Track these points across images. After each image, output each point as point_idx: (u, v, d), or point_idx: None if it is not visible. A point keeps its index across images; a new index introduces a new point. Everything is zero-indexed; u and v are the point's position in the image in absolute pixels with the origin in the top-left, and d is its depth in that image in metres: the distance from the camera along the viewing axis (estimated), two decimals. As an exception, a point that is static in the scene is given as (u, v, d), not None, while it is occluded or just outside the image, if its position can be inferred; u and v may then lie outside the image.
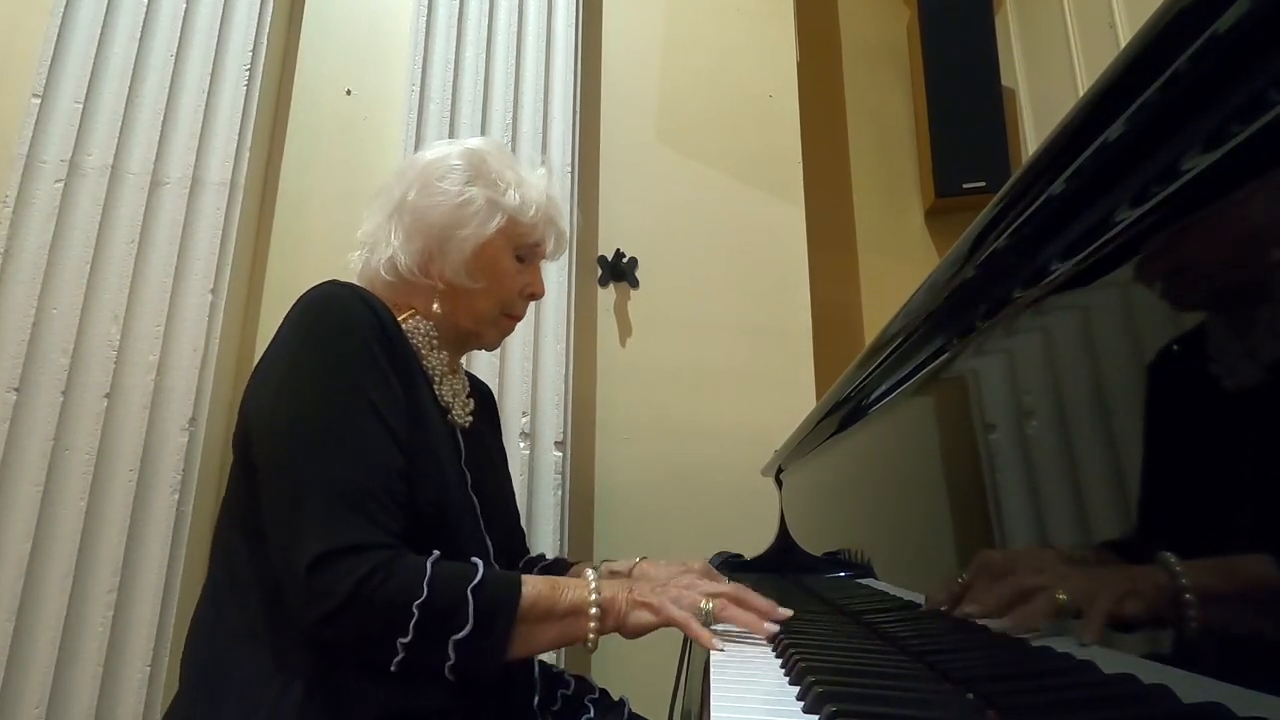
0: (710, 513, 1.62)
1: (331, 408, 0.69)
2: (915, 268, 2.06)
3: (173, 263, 1.52)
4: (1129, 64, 0.32)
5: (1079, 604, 0.39)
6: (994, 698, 0.46)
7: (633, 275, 1.76)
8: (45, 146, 1.52)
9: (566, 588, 0.70)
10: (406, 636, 0.63)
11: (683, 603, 0.69)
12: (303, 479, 0.66)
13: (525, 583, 0.69)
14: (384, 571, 0.63)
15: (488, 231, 0.85)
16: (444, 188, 0.86)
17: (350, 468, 0.67)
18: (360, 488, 0.66)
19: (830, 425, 0.99)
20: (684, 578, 0.76)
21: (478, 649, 0.65)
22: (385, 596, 0.63)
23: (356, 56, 1.81)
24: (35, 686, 1.31)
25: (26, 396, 1.41)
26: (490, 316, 0.90)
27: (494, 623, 0.66)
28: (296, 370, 0.72)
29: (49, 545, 1.36)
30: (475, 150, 0.89)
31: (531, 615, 0.68)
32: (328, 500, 0.65)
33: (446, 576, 0.66)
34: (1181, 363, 0.32)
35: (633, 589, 0.71)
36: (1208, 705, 0.29)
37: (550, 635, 0.69)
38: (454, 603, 0.65)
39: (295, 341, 0.73)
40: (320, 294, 0.75)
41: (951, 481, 0.60)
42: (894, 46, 2.26)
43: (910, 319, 0.63)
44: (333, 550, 0.63)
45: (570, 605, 0.69)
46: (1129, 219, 0.36)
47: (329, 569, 0.63)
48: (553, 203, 0.92)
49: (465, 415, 0.88)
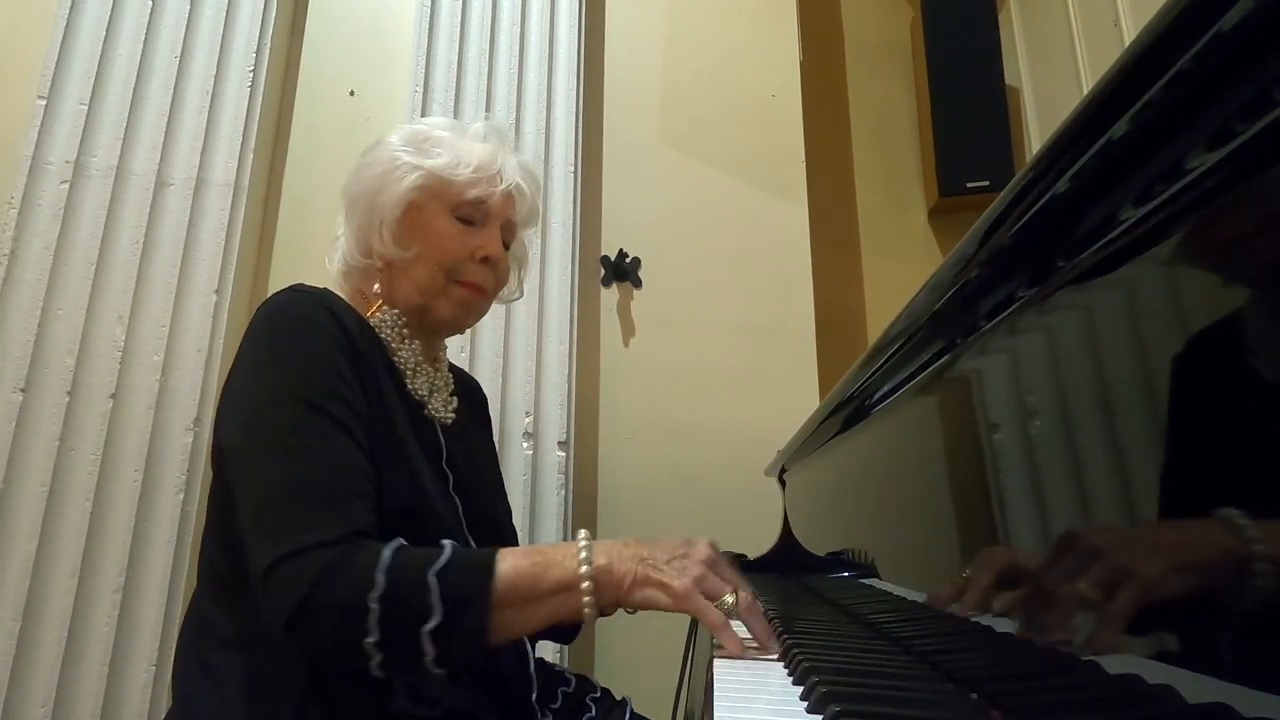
0: (713, 513, 1.62)
1: (284, 413, 0.66)
2: (918, 267, 2.06)
3: (177, 263, 1.52)
4: (1133, 62, 0.32)
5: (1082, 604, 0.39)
6: (998, 698, 0.46)
7: (636, 275, 1.76)
8: (50, 148, 1.53)
9: (552, 562, 0.62)
10: (372, 635, 0.58)
11: (707, 588, 0.61)
12: (259, 484, 0.64)
13: (502, 559, 0.61)
14: (335, 569, 0.59)
15: (403, 189, 0.81)
16: (372, 160, 0.85)
17: (304, 468, 0.64)
18: (315, 488, 0.63)
19: (833, 425, 0.98)
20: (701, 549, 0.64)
21: (455, 638, 0.59)
22: (339, 595, 0.58)
23: (359, 57, 1.81)
24: (41, 686, 1.31)
25: (32, 397, 1.41)
26: (434, 285, 0.83)
27: (466, 610, 0.59)
28: (252, 382, 0.70)
29: (54, 545, 1.37)
30: (417, 124, 0.87)
31: (511, 598, 0.60)
32: (281, 503, 0.63)
33: (405, 564, 0.60)
34: (1187, 362, 0.32)
35: (645, 557, 0.62)
36: (1213, 706, 0.29)
37: (539, 616, 0.62)
38: (416, 591, 0.58)
39: (252, 353, 0.72)
40: (276, 303, 0.73)
41: (955, 482, 0.60)
42: (897, 45, 2.26)
43: (913, 319, 0.63)
44: (286, 554, 0.60)
45: (556, 582, 0.61)
46: (1133, 218, 0.35)
47: (282, 573, 0.60)
48: (500, 160, 0.85)
49: (447, 411, 0.86)
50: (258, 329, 0.72)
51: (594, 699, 0.90)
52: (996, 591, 0.50)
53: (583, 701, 0.89)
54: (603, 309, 1.75)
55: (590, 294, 1.74)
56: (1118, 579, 0.36)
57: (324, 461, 0.65)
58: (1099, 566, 0.38)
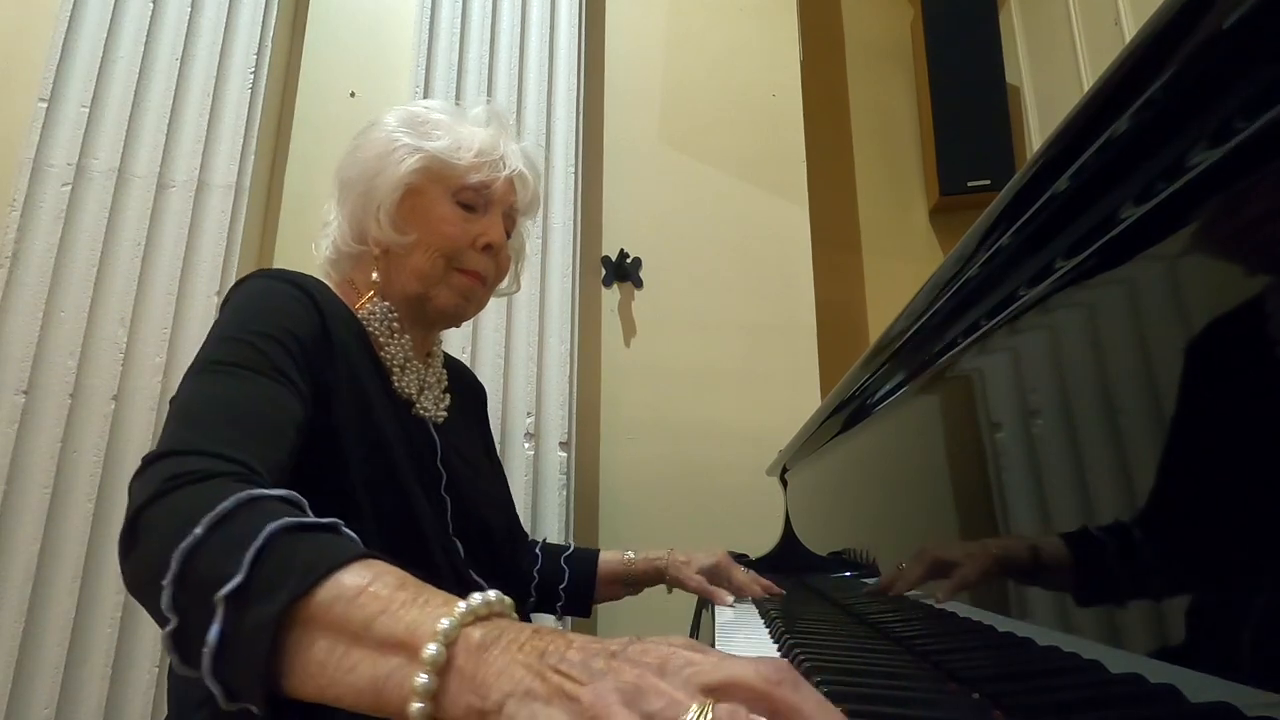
0: (715, 512, 1.62)
1: (215, 350, 0.61)
2: (920, 266, 2.06)
3: (179, 265, 1.53)
4: (1133, 60, 0.32)
5: (1083, 602, 0.39)
6: (1000, 697, 0.46)
7: (637, 275, 1.76)
8: (52, 150, 1.53)
9: (422, 600, 0.37)
10: (169, 570, 0.41)
11: (648, 711, 0.28)
12: (170, 409, 0.57)
13: (361, 564, 0.39)
14: (201, 477, 0.47)
15: (402, 172, 0.78)
16: (367, 142, 0.82)
17: (217, 391, 0.57)
18: (223, 408, 0.55)
19: (835, 425, 0.98)
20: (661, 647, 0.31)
21: (242, 627, 0.39)
22: (179, 501, 0.46)
23: (360, 59, 1.81)
24: (44, 688, 1.31)
25: (34, 399, 1.42)
26: (434, 272, 0.80)
27: (273, 589, 0.39)
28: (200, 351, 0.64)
29: (57, 547, 1.37)
30: (413, 106, 0.85)
31: (334, 613, 0.37)
32: (181, 416, 0.55)
33: (266, 508, 0.44)
34: (1188, 360, 0.32)
35: (546, 649, 0.32)
36: (1217, 705, 0.29)
37: (355, 674, 0.36)
38: (242, 536, 0.41)
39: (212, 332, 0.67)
40: (241, 285, 0.70)
41: (956, 481, 0.60)
42: (898, 45, 2.26)
43: (914, 318, 0.63)
44: (160, 453, 0.50)
45: (403, 630, 0.35)
46: (1134, 216, 0.35)
47: (146, 472, 0.49)
48: (502, 144, 0.84)
49: (438, 410, 0.83)
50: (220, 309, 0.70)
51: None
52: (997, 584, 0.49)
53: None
54: (604, 309, 1.75)
55: (591, 294, 1.74)
56: (1119, 577, 0.36)
57: (246, 389, 0.58)
58: (1100, 565, 0.38)
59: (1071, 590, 0.41)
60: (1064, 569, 0.41)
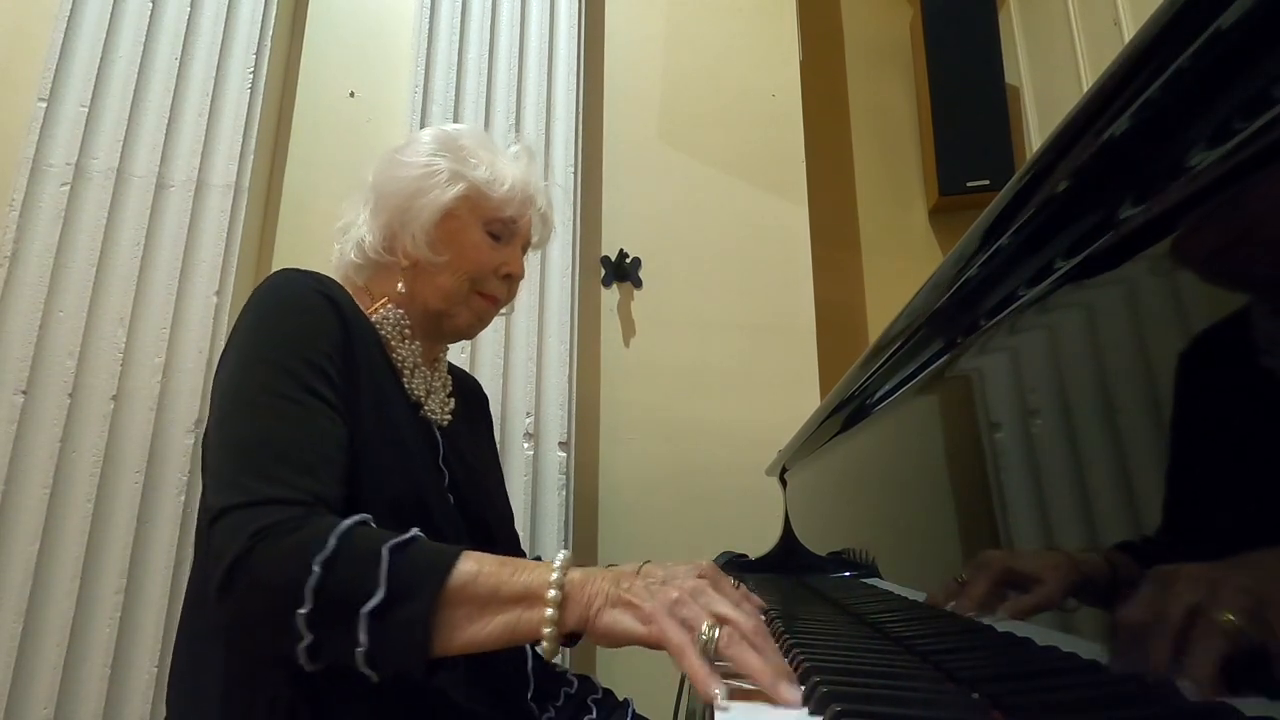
0: (714, 513, 1.62)
1: (260, 374, 0.65)
2: (919, 266, 2.06)
3: (178, 265, 1.52)
4: (1132, 60, 0.32)
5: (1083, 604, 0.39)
6: (999, 698, 0.46)
7: (636, 275, 1.76)
8: (51, 150, 1.53)
9: (523, 568, 0.55)
10: (305, 605, 0.51)
11: (683, 616, 0.51)
12: (222, 441, 0.62)
13: (466, 556, 0.55)
14: (287, 525, 0.54)
15: (447, 198, 0.82)
16: (409, 160, 0.85)
17: (271, 424, 0.61)
18: (279, 444, 0.60)
19: (834, 425, 0.98)
20: (690, 579, 0.54)
21: (394, 628, 0.51)
22: (283, 548, 0.53)
23: (359, 59, 1.81)
24: (43, 687, 1.31)
25: (33, 399, 1.41)
26: (459, 294, 0.85)
27: (413, 592, 0.52)
28: (235, 351, 0.69)
29: (56, 547, 1.37)
30: (450, 129, 0.89)
31: (467, 593, 0.53)
32: (241, 455, 0.59)
33: (363, 533, 0.55)
34: (1187, 360, 0.32)
35: (620, 579, 0.55)
36: (1215, 705, 0.29)
37: (494, 627, 0.53)
38: (364, 560, 0.52)
39: (240, 326, 0.71)
40: (269, 282, 0.73)
41: (956, 481, 0.60)
42: (897, 44, 2.26)
43: (914, 317, 0.63)
44: (234, 504, 0.56)
45: (521, 588, 0.54)
46: (1133, 216, 0.35)
47: (225, 523, 0.55)
48: (532, 182, 0.89)
49: (443, 413, 0.86)
50: (250, 302, 0.72)
51: (595, 700, 0.90)
52: (996, 592, 0.49)
53: (584, 702, 0.89)
54: (603, 309, 1.75)
55: (591, 294, 1.74)
56: (1119, 578, 0.36)
57: (294, 421, 0.62)
58: (1100, 565, 0.38)
59: (1071, 590, 0.41)
60: (1063, 569, 0.41)
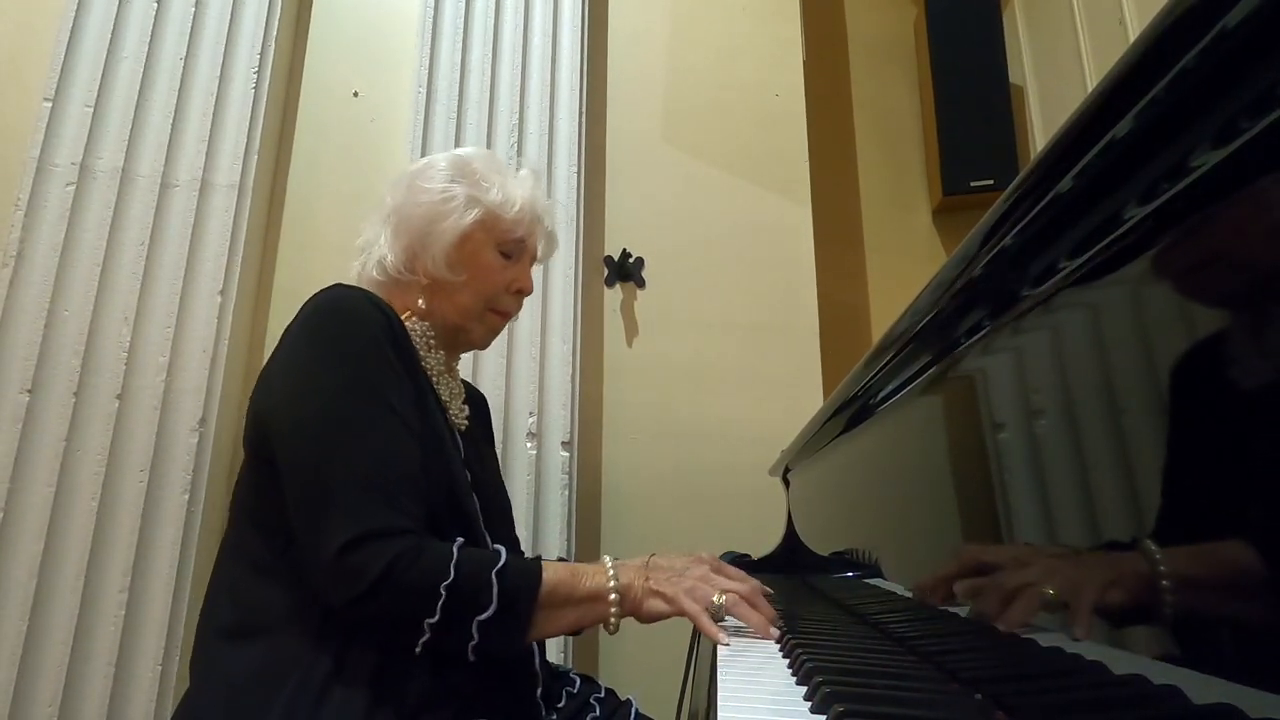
0: (717, 512, 1.62)
1: (352, 404, 0.72)
2: (923, 266, 2.06)
3: (182, 265, 1.53)
4: (1137, 60, 0.32)
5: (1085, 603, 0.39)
6: (1002, 698, 0.46)
7: (639, 275, 1.76)
8: (56, 150, 1.54)
9: (585, 574, 0.74)
10: (434, 617, 0.67)
11: (696, 595, 0.72)
12: (329, 473, 0.70)
13: (546, 568, 0.72)
14: (412, 554, 0.67)
15: (465, 223, 0.88)
16: (428, 186, 0.90)
17: (373, 460, 0.71)
18: (384, 478, 0.70)
19: (837, 425, 0.98)
20: (699, 568, 0.76)
21: (500, 629, 0.68)
22: (414, 578, 0.66)
23: (363, 59, 1.81)
24: (48, 685, 1.32)
25: (38, 398, 1.42)
26: (475, 311, 0.91)
27: (516, 604, 0.69)
28: (314, 369, 0.74)
29: (61, 546, 1.37)
30: (462, 155, 0.95)
31: (552, 599, 0.71)
32: (354, 490, 0.69)
33: (472, 560, 0.70)
34: (1191, 361, 0.32)
35: (649, 576, 0.74)
36: (1219, 706, 0.29)
37: (569, 619, 0.73)
38: (479, 585, 0.68)
39: (310, 342, 0.76)
40: (330, 296, 0.78)
41: (958, 481, 0.59)
42: (901, 44, 2.25)
43: (917, 317, 0.63)
44: (362, 535, 0.67)
45: (590, 591, 0.73)
46: (1138, 216, 0.35)
47: (359, 552, 0.66)
48: (539, 203, 0.95)
49: (461, 418, 0.91)
50: (309, 317, 0.77)
51: (598, 699, 0.90)
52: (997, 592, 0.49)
53: (587, 701, 0.89)
54: (606, 309, 1.75)
55: (594, 294, 1.74)
56: (1121, 577, 0.36)
57: (386, 453, 0.72)
58: (1103, 565, 0.38)
59: (1074, 591, 0.40)
60: (1066, 570, 0.41)
